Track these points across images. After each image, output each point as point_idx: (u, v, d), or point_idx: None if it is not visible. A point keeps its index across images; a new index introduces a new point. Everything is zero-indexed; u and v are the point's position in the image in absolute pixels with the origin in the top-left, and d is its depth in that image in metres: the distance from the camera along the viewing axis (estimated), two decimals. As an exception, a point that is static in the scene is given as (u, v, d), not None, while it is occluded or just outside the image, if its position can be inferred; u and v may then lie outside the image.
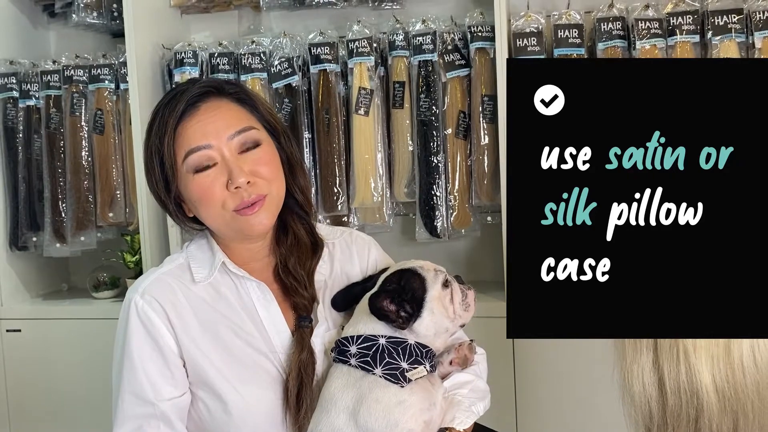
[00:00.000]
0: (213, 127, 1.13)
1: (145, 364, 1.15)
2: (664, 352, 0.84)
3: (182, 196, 1.17)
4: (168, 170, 1.13)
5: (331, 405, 1.10)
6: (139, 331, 1.16)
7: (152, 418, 1.14)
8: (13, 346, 2.28)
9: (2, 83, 2.29)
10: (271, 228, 1.20)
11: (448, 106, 2.03)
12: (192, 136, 1.13)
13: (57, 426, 2.27)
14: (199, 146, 1.12)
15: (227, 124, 1.14)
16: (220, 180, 1.13)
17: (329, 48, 2.06)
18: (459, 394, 1.20)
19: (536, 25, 1.96)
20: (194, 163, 1.13)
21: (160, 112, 1.15)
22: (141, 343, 1.15)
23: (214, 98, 1.16)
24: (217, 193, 1.12)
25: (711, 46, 1.87)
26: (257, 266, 1.22)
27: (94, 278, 2.35)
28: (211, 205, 1.13)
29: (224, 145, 1.13)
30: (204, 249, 1.22)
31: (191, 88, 1.15)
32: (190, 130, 1.13)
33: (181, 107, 1.13)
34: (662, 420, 0.85)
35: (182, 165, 1.13)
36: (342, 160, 2.08)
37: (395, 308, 1.12)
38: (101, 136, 2.24)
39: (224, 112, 1.15)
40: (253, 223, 1.14)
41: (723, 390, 0.81)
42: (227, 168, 1.12)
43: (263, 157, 1.15)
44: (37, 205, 2.30)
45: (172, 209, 1.17)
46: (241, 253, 1.21)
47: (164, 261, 1.24)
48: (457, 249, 2.23)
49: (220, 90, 1.17)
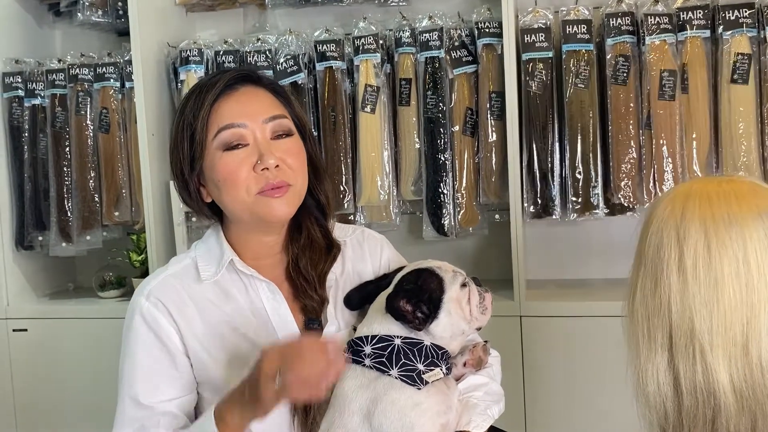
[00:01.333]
0: (250, 109, 1.14)
1: (150, 366, 1.14)
2: (679, 351, 0.82)
3: (204, 179, 1.16)
4: (197, 146, 1.13)
5: (345, 406, 1.08)
6: (144, 333, 1.15)
7: (151, 421, 1.12)
8: (19, 346, 2.28)
9: (8, 82, 2.29)
10: (287, 221, 1.19)
11: (455, 103, 2.01)
12: (228, 114, 1.13)
13: (63, 424, 2.27)
14: (234, 123, 1.12)
15: (264, 108, 1.15)
16: (248, 161, 1.12)
17: (335, 45, 2.05)
18: (474, 396, 1.17)
19: (544, 20, 1.94)
20: (226, 139, 1.12)
21: (198, 89, 1.15)
22: (146, 346, 1.14)
23: (252, 85, 1.17)
24: (243, 174, 1.12)
25: (722, 41, 1.85)
26: (268, 263, 1.20)
27: (100, 277, 2.35)
28: (235, 187, 1.12)
29: (258, 127, 1.13)
30: (213, 246, 1.20)
31: (231, 71, 1.18)
32: (227, 107, 1.14)
33: (220, 86, 1.14)
34: (678, 421, 0.83)
35: (212, 141, 1.13)
36: (348, 158, 2.06)
37: (412, 308, 1.10)
38: (107, 135, 2.23)
39: (261, 97, 1.17)
40: (275, 206, 1.13)
41: (741, 390, 0.79)
42: (258, 150, 1.12)
43: (293, 148, 1.16)
44: (43, 204, 2.29)
45: (192, 188, 1.16)
46: (253, 248, 1.20)
47: (170, 261, 1.23)
48: (464, 247, 2.21)
49: (258, 79, 1.19)
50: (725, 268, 0.81)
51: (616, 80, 1.89)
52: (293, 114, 1.20)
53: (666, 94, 1.86)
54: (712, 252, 0.81)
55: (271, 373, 0.97)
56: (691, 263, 0.82)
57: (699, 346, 0.81)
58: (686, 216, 0.84)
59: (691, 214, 0.83)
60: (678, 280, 0.82)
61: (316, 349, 0.98)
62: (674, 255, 0.83)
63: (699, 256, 0.82)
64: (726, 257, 0.81)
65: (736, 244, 0.81)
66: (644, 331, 0.85)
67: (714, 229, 0.82)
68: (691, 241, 0.82)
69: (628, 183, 1.89)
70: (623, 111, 1.89)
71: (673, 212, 0.85)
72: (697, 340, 0.81)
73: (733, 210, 0.82)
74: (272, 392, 0.98)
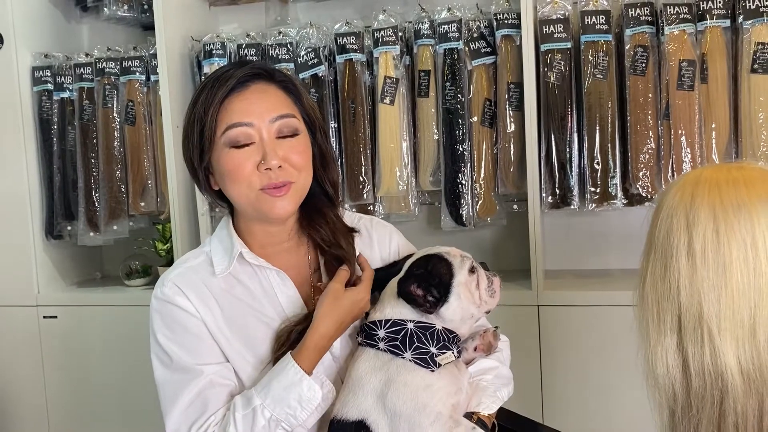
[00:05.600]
0: (258, 107, 1.16)
1: (182, 337, 1.16)
2: (688, 333, 0.84)
3: (212, 168, 1.20)
4: (206, 140, 1.16)
5: (359, 387, 1.12)
6: (168, 318, 1.18)
7: (205, 381, 1.14)
8: (50, 332, 2.35)
9: (37, 76, 2.35)
10: (292, 215, 1.23)
11: (474, 94, 2.03)
12: (236, 112, 1.16)
13: (91, 407, 2.33)
14: (241, 122, 1.15)
15: (271, 107, 1.17)
16: (253, 159, 1.15)
17: (355, 38, 2.07)
18: (484, 379, 1.21)
19: (563, 11, 1.94)
20: (233, 137, 1.15)
21: (210, 84, 1.18)
22: (173, 321, 1.17)
23: (264, 82, 1.19)
24: (247, 171, 1.15)
25: (742, 30, 1.84)
26: (275, 250, 1.24)
27: (126, 266, 2.41)
28: (239, 182, 1.16)
29: (264, 126, 1.16)
30: (224, 239, 1.24)
31: (244, 68, 1.19)
32: (236, 105, 1.16)
33: (232, 83, 1.16)
34: (686, 402, 0.85)
35: (220, 137, 1.16)
36: (367, 149, 2.09)
37: (423, 292, 1.13)
38: (132, 127, 2.28)
39: (271, 95, 1.18)
40: (277, 206, 1.16)
41: (748, 372, 0.81)
42: (263, 149, 1.15)
43: (297, 147, 1.18)
44: (72, 195, 2.35)
45: (201, 177, 1.20)
46: (259, 237, 1.23)
47: (187, 255, 1.26)
48: (482, 237, 2.23)
49: (270, 75, 1.20)
50: (733, 253, 0.82)
51: (635, 71, 1.89)
52: (303, 111, 1.21)
53: (685, 84, 1.85)
54: (720, 237, 0.83)
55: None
56: (700, 248, 0.83)
57: (707, 329, 0.83)
58: (696, 202, 0.85)
59: (701, 200, 0.85)
60: (687, 265, 0.84)
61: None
62: (683, 240, 0.84)
63: (708, 240, 0.83)
64: (734, 242, 0.82)
65: (745, 229, 0.82)
66: (654, 315, 0.87)
67: (723, 215, 0.83)
68: (700, 227, 0.84)
69: (646, 173, 1.89)
70: (642, 101, 1.89)
71: (683, 198, 0.86)
72: (705, 323, 0.83)
73: (742, 196, 0.83)
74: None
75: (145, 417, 2.21)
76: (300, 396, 1.09)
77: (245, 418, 1.10)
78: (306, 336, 1.13)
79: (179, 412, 1.14)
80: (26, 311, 2.35)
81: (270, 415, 1.10)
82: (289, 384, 1.10)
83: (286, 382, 1.10)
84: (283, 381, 1.10)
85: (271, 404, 1.10)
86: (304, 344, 1.12)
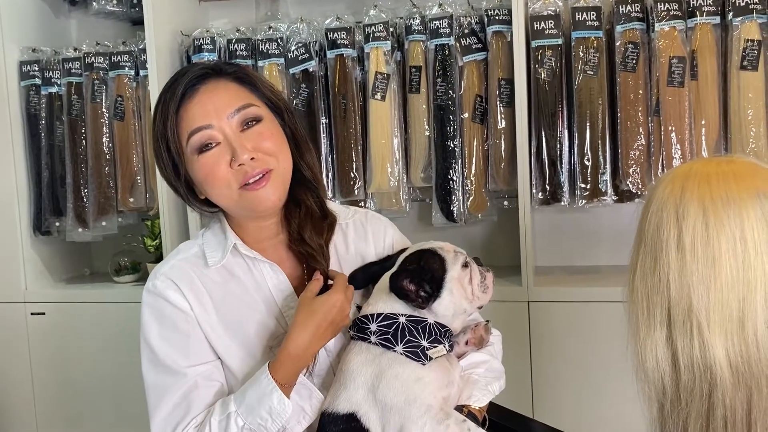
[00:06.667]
0: (213, 107, 1.14)
1: (170, 335, 1.16)
2: (677, 327, 0.84)
3: (192, 180, 1.18)
4: (174, 154, 1.15)
5: (350, 380, 1.12)
6: (159, 307, 1.17)
7: (190, 383, 1.14)
8: (37, 329, 2.33)
9: (25, 71, 2.33)
10: (281, 203, 1.21)
11: (465, 90, 2.03)
12: (193, 118, 1.14)
13: (79, 405, 2.32)
14: (200, 126, 1.14)
15: (227, 102, 1.15)
16: (224, 158, 1.14)
17: (346, 33, 2.07)
18: (475, 373, 1.21)
19: (554, 8, 1.95)
20: (197, 143, 1.14)
21: (162, 98, 1.16)
22: (162, 317, 1.17)
23: (213, 79, 1.17)
24: (221, 171, 1.14)
25: (732, 27, 1.85)
26: (270, 244, 1.23)
27: (115, 263, 2.39)
28: (217, 185, 1.15)
29: (225, 123, 1.14)
30: (218, 233, 1.24)
31: (190, 72, 1.17)
32: (191, 111, 1.14)
33: (180, 90, 1.14)
34: (675, 395, 0.85)
35: (186, 147, 1.15)
36: (359, 145, 2.08)
37: (415, 288, 1.13)
38: (121, 123, 2.27)
39: (223, 91, 1.16)
40: (261, 197, 1.15)
41: (737, 365, 0.81)
42: (230, 146, 1.13)
43: (265, 132, 1.16)
44: (60, 190, 2.34)
45: (183, 192, 1.19)
46: (253, 233, 1.22)
47: (180, 247, 1.25)
48: (473, 233, 2.23)
49: (218, 71, 1.18)
50: (723, 246, 0.83)
51: (626, 67, 1.90)
52: (263, 96, 1.19)
53: (675, 81, 1.86)
54: (710, 230, 0.83)
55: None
56: (690, 241, 0.84)
57: (696, 323, 0.83)
58: (685, 196, 0.85)
59: (690, 193, 0.85)
60: (677, 258, 0.84)
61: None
62: (673, 233, 0.85)
63: (697, 234, 0.83)
64: (723, 235, 0.83)
65: (734, 222, 0.83)
66: (643, 308, 0.87)
67: (712, 208, 0.83)
68: (690, 220, 0.84)
69: (636, 169, 1.90)
70: (632, 98, 1.90)
71: (673, 192, 0.86)
72: (694, 316, 0.83)
73: (732, 189, 0.84)
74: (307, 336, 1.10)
75: (133, 414, 2.20)
76: (270, 408, 1.09)
77: (220, 423, 1.10)
78: (281, 347, 1.12)
79: (162, 417, 1.14)
80: (14, 308, 2.33)
81: (243, 423, 1.10)
82: (262, 394, 1.09)
83: (259, 392, 1.10)
84: (257, 390, 1.10)
85: (244, 413, 1.10)
86: (279, 356, 1.11)
